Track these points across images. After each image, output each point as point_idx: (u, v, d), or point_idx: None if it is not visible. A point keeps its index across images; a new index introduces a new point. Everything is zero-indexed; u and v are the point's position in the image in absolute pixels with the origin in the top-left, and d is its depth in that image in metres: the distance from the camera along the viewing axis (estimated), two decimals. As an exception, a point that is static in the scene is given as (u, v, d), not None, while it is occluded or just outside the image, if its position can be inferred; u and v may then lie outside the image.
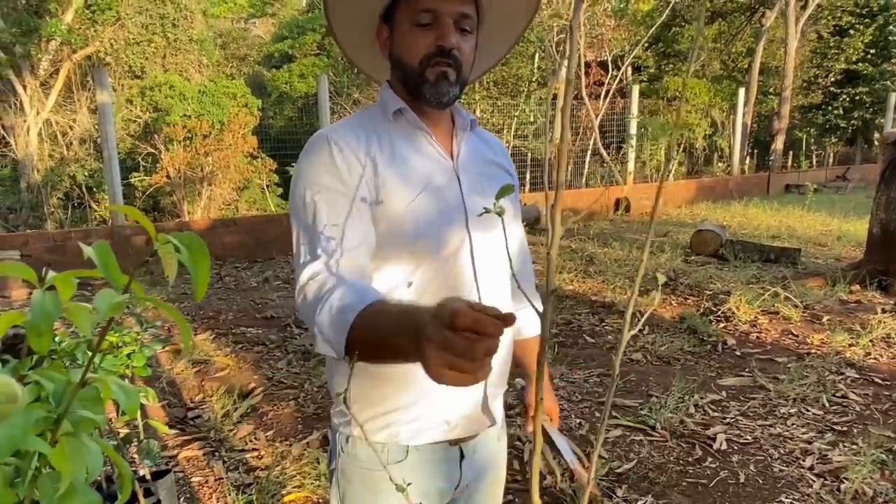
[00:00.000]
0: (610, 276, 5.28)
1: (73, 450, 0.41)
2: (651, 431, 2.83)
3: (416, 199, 1.00)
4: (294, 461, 2.64)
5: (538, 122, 10.95)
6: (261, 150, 10.84)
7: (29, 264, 1.86)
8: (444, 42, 0.98)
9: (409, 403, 1.03)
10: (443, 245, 1.02)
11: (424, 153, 1.05)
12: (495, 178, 1.13)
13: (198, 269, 0.41)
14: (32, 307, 0.40)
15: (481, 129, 1.21)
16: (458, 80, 1.02)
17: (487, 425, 1.11)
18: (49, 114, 10.83)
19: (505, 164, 1.19)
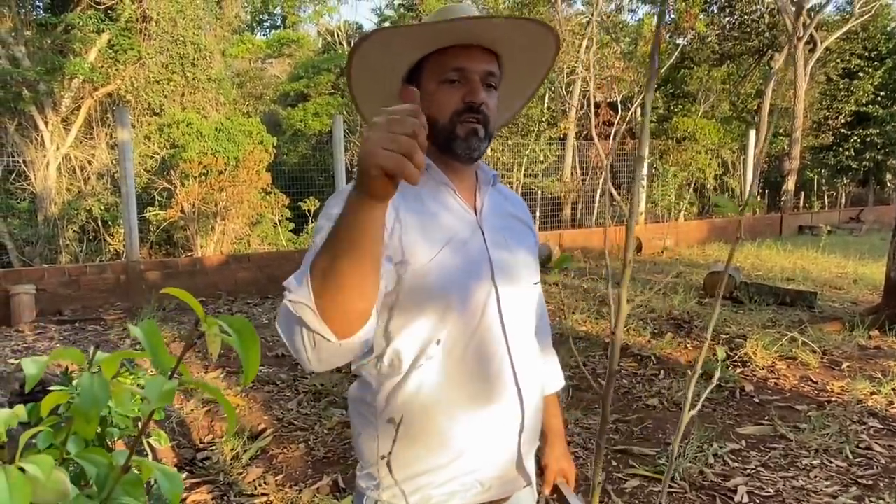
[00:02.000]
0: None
1: None
2: (671, 482, 2.76)
3: (439, 252, 1.00)
4: (302, 509, 2.59)
5: (548, 161, 11.04)
6: (274, 185, 10.98)
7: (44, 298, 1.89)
8: (474, 98, 1.01)
9: (443, 465, 1.00)
10: (469, 299, 1.02)
11: (449, 207, 1.06)
12: (517, 232, 1.15)
13: (248, 354, 0.41)
14: (81, 391, 0.40)
15: (502, 185, 1.24)
16: (487, 134, 1.04)
17: (522, 485, 1.08)
18: (69, 149, 11.06)
19: (525, 219, 1.22)
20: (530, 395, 1.07)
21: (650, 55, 0.55)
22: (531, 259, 1.16)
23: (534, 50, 1.09)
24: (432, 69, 1.04)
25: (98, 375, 0.41)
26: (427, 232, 1.01)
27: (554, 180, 10.71)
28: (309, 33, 22.07)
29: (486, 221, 1.09)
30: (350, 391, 1.11)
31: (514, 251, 1.11)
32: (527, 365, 1.08)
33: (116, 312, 5.61)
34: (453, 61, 1.01)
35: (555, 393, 1.34)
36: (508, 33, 1.04)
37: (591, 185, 10.76)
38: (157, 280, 5.96)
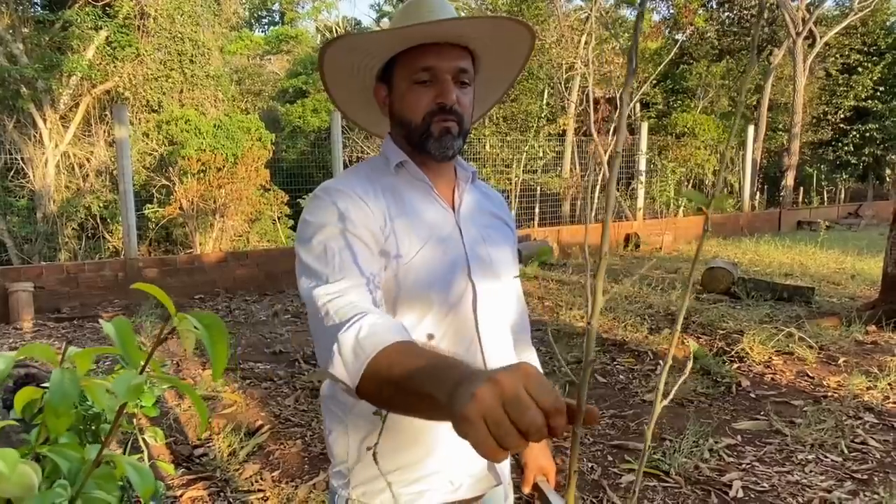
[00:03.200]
0: (620, 314, 5.23)
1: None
2: (665, 477, 2.76)
3: (422, 248, 1.01)
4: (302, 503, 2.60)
5: (547, 157, 11.03)
6: (273, 183, 10.98)
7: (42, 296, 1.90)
8: (444, 99, 1.00)
9: (412, 463, 1.00)
10: (446, 296, 1.03)
11: (428, 205, 1.07)
12: (495, 229, 1.16)
13: (216, 348, 0.41)
14: (51, 387, 0.40)
15: (481, 181, 1.23)
16: (461, 133, 1.04)
17: (493, 485, 1.08)
18: (67, 146, 11.05)
19: (504, 217, 1.21)
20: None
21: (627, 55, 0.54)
22: (509, 255, 1.17)
23: (507, 43, 1.07)
24: (403, 68, 1.02)
25: (68, 371, 0.41)
26: (411, 227, 1.02)
27: (553, 176, 10.70)
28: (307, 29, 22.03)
29: (464, 219, 1.09)
30: (322, 388, 1.11)
31: (492, 248, 1.11)
32: (501, 362, 1.07)
33: (115, 310, 5.61)
34: (423, 60, 0.99)
35: None
36: (478, 29, 1.03)
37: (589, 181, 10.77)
38: (155, 277, 5.97)
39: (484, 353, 1.05)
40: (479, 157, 10.46)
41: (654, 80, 14.36)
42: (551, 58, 11.31)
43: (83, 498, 0.41)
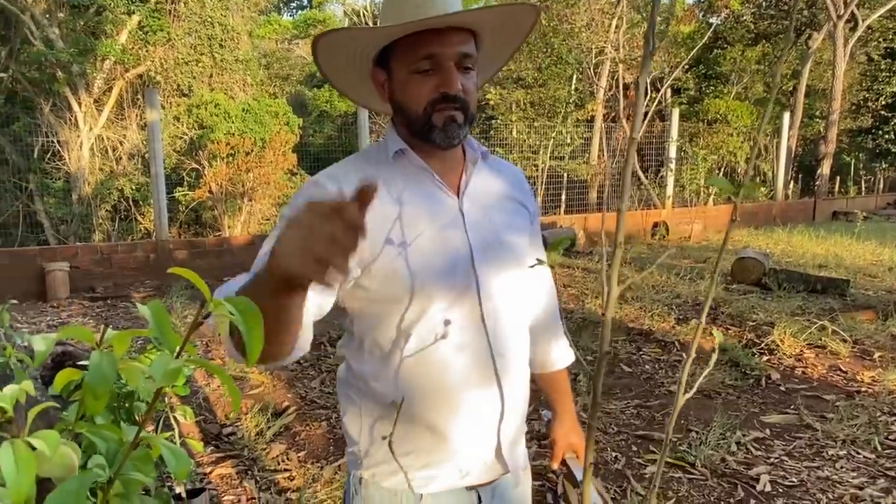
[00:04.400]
0: (647, 303, 5.17)
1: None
2: (690, 469, 2.74)
3: (417, 240, 0.98)
4: (325, 484, 2.64)
5: (574, 143, 10.90)
6: (300, 167, 11.06)
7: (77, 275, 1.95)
8: (448, 88, 0.95)
9: (423, 449, 1.01)
10: (447, 288, 1.00)
11: (426, 193, 1.03)
12: (507, 212, 1.10)
13: (251, 334, 0.41)
14: (90, 369, 0.40)
15: (497, 158, 1.17)
16: (467, 120, 0.99)
17: (501, 473, 1.07)
18: (101, 129, 11.27)
19: (518, 196, 1.14)
20: (511, 385, 1.05)
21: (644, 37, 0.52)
22: (524, 239, 1.11)
23: (513, 23, 1.03)
24: (402, 55, 0.97)
25: (106, 353, 0.42)
26: (403, 220, 0.99)
27: (580, 163, 10.57)
28: (335, 14, 22.01)
29: (468, 205, 1.05)
30: (339, 372, 1.12)
31: (501, 233, 1.07)
32: (508, 353, 1.05)
33: (146, 290, 5.74)
34: (424, 48, 0.94)
35: (564, 369, 1.32)
36: (486, 15, 0.98)
37: (618, 168, 10.58)
38: (185, 259, 6.08)
39: (491, 345, 1.03)
40: (506, 143, 10.38)
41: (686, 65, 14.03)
42: (581, 42, 11.12)
43: (121, 479, 0.42)
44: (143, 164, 11.08)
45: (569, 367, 1.33)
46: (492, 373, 1.03)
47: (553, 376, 1.30)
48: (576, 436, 1.31)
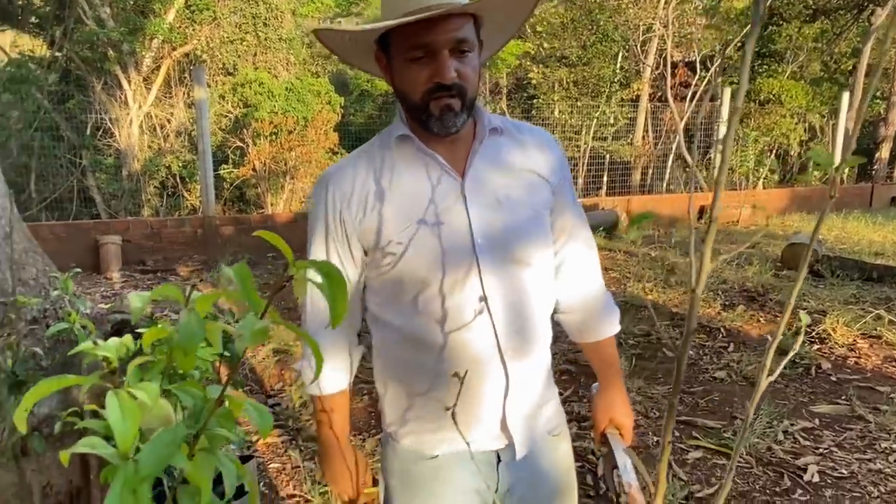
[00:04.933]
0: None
1: (210, 465, 0.42)
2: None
3: (411, 229, 1.00)
4: (367, 456, 2.69)
5: (618, 123, 10.66)
6: (341, 146, 11.14)
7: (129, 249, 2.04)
8: (441, 79, 0.95)
9: (433, 416, 1.07)
10: (448, 275, 1.01)
11: (427, 177, 1.02)
12: (522, 188, 1.06)
13: (335, 297, 0.41)
14: (181, 327, 0.42)
15: (520, 125, 1.13)
16: (464, 106, 0.98)
17: (504, 444, 1.09)
18: (149, 107, 11.56)
19: (534, 166, 1.09)
20: (519, 363, 1.06)
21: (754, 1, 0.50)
22: (539, 213, 1.08)
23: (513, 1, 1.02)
24: (397, 42, 0.97)
25: (194, 313, 0.43)
26: (400, 210, 1.01)
27: (624, 144, 10.34)
28: (377, -8, 21.90)
29: (472, 186, 1.02)
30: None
31: (512, 212, 1.04)
32: (515, 331, 1.05)
33: (194, 264, 5.91)
34: (416, 36, 0.93)
35: (608, 338, 1.24)
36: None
37: (664, 149, 10.32)
38: (231, 235, 6.23)
39: (495, 325, 1.03)
40: (548, 123, 10.22)
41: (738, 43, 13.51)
42: (628, 19, 10.80)
43: (207, 434, 0.43)
44: (190, 141, 11.34)
45: (615, 335, 1.25)
46: (495, 352, 1.04)
47: (597, 346, 1.24)
48: (619, 411, 1.24)
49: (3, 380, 1.48)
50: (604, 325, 1.23)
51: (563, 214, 1.13)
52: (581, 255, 1.18)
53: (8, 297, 1.56)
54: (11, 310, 1.57)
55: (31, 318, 1.63)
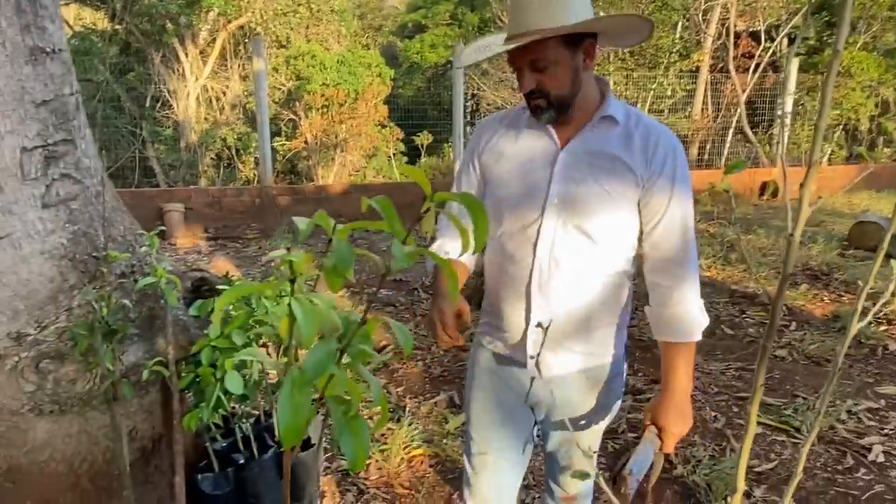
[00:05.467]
0: (753, 265, 4.92)
1: (355, 377, 0.46)
2: (795, 433, 2.65)
3: (510, 178, 1.32)
4: (422, 418, 2.77)
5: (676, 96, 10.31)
6: (390, 119, 11.18)
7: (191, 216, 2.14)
8: (522, 90, 1.25)
9: (491, 323, 1.42)
10: (515, 215, 1.30)
11: (535, 138, 1.31)
12: (605, 170, 1.25)
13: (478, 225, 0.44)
14: (334, 250, 0.45)
15: (647, 123, 1.27)
16: (551, 103, 1.23)
17: (519, 361, 1.37)
18: (206, 80, 11.84)
19: (627, 159, 1.24)
20: (543, 310, 1.30)
21: None
22: (617, 195, 1.24)
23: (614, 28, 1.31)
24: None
25: (344, 238, 0.46)
26: (507, 156, 1.33)
27: (681, 117, 10.01)
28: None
29: (567, 155, 1.27)
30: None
31: (590, 185, 1.24)
32: (549, 284, 1.29)
33: (253, 232, 6.10)
34: (510, 57, 1.24)
35: (671, 342, 1.30)
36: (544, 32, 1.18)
37: (724, 122, 9.94)
38: (287, 204, 6.38)
39: (533, 271, 1.28)
40: (601, 96, 9.96)
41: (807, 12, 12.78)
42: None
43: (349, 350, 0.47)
44: (245, 114, 11.57)
45: (684, 345, 1.28)
46: (523, 292, 1.31)
47: (662, 346, 1.32)
48: (663, 416, 1.28)
49: (98, 328, 1.59)
50: (666, 325, 1.31)
51: (654, 211, 1.27)
52: (659, 261, 1.30)
53: (99, 252, 1.66)
54: (103, 264, 1.67)
55: (119, 272, 1.73)
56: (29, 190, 1.46)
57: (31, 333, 1.52)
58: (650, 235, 1.28)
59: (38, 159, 1.47)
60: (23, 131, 1.43)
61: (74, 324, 1.56)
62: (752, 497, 2.23)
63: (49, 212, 1.51)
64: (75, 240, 1.58)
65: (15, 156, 1.42)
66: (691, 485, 2.29)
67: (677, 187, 1.25)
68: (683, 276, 1.28)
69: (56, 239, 1.53)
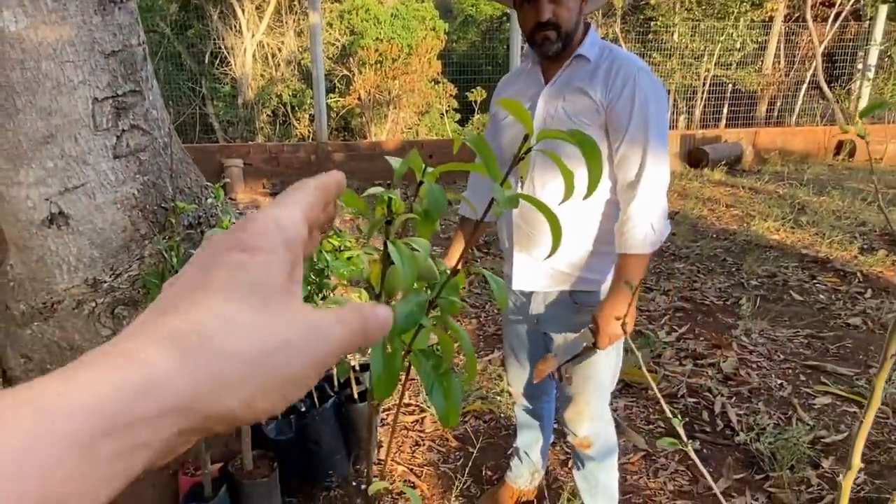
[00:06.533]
0: (825, 229, 4.66)
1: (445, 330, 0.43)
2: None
3: (506, 117, 1.54)
4: (477, 375, 2.78)
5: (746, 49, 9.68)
6: (443, 75, 11.00)
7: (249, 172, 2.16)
8: (539, 18, 1.33)
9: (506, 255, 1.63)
10: (510, 152, 1.47)
11: (527, 82, 1.49)
12: (569, 102, 1.39)
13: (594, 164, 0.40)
14: (426, 195, 0.42)
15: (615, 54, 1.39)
16: (560, 36, 1.35)
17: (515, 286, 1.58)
18: (262, 36, 11.89)
19: (591, 90, 1.36)
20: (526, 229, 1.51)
21: None
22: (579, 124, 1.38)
23: None
24: None
25: (435, 183, 0.43)
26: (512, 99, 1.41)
27: (750, 71, 9.43)
28: None
29: (545, 94, 1.43)
30: None
31: (561, 118, 1.40)
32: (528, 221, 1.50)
33: (308, 188, 6.16)
34: None
35: (625, 253, 1.39)
36: None
37: (797, 77, 9.31)
38: (342, 160, 6.42)
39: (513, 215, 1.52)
40: (665, 48, 9.48)
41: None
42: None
43: (440, 302, 0.44)
44: (299, 70, 11.61)
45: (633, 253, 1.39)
46: (511, 220, 1.53)
47: (618, 257, 1.42)
48: (603, 316, 1.40)
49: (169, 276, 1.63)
50: (620, 240, 1.40)
51: (616, 133, 1.37)
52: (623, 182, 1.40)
53: (168, 203, 1.70)
54: (171, 215, 1.71)
55: (187, 223, 1.77)
56: (101, 140, 1.49)
57: (107, 280, 1.58)
58: (615, 156, 1.39)
59: (109, 110, 1.49)
60: (94, 82, 1.45)
61: (146, 272, 1.61)
62: (820, 468, 2.14)
63: (120, 162, 1.54)
64: (145, 190, 1.61)
65: (87, 106, 1.44)
66: (754, 452, 2.23)
67: (638, 109, 1.33)
68: (638, 195, 1.37)
69: (127, 189, 1.56)
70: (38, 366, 1.69)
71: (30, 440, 0.19)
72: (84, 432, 0.20)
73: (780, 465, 2.12)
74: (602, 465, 1.64)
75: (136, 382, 0.21)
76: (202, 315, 0.24)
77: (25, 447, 0.18)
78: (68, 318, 1.59)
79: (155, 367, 0.22)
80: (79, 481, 0.19)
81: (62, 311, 1.58)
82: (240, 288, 0.24)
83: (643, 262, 1.40)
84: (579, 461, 1.68)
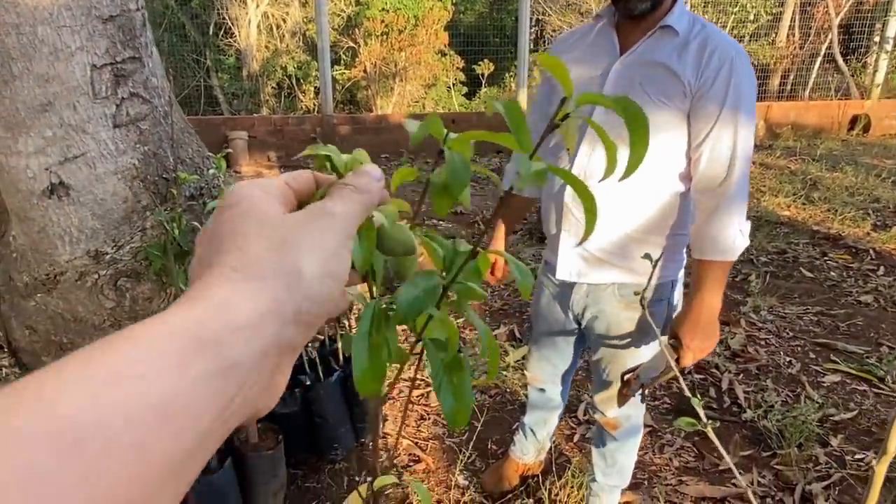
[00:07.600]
0: (837, 205, 4.58)
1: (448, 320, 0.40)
2: (879, 384, 2.50)
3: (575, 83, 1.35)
4: (508, 338, 2.77)
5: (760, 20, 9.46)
6: (450, 46, 10.82)
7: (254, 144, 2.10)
8: None
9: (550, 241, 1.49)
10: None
11: (599, 49, 1.31)
12: (650, 78, 1.23)
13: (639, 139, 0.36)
14: (448, 165, 0.38)
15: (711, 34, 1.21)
16: None
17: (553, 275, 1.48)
18: (266, 6, 11.69)
19: (679, 69, 1.20)
20: (579, 215, 1.35)
21: None
22: (659, 104, 1.22)
23: None
24: None
25: (458, 154, 0.39)
26: (578, 65, 1.32)
27: (764, 44, 9.23)
28: None
29: (623, 65, 1.26)
30: None
31: (637, 94, 1.22)
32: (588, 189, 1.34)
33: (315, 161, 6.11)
34: None
35: (707, 260, 1.26)
36: None
37: (812, 50, 9.10)
38: (348, 133, 6.34)
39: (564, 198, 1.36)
40: (677, 20, 9.25)
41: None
42: None
43: (455, 287, 0.41)
44: (304, 42, 11.44)
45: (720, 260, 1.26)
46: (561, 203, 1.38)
47: (696, 263, 1.30)
48: (686, 331, 1.28)
49: (171, 249, 1.60)
50: (701, 246, 1.27)
51: (702, 124, 1.21)
52: (704, 179, 1.25)
53: (169, 173, 1.66)
54: (173, 185, 1.67)
55: (189, 194, 1.73)
56: (100, 109, 1.45)
57: (109, 252, 1.55)
58: (697, 151, 1.23)
59: (108, 77, 1.45)
60: (92, 48, 1.41)
61: (148, 244, 1.58)
62: (829, 447, 2.13)
63: (120, 131, 1.50)
64: (146, 160, 1.57)
65: (85, 73, 1.40)
66: (762, 429, 2.21)
67: (731, 101, 1.17)
68: (726, 196, 1.23)
69: (128, 159, 1.53)
70: (42, 337, 1.68)
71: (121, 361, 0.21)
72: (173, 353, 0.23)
73: (788, 442, 2.11)
74: (624, 447, 1.61)
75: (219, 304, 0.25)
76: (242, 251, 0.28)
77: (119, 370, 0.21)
78: (71, 289, 1.57)
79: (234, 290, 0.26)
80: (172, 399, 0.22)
81: (65, 282, 1.56)
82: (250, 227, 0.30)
83: (727, 270, 1.27)
84: (601, 440, 1.64)
